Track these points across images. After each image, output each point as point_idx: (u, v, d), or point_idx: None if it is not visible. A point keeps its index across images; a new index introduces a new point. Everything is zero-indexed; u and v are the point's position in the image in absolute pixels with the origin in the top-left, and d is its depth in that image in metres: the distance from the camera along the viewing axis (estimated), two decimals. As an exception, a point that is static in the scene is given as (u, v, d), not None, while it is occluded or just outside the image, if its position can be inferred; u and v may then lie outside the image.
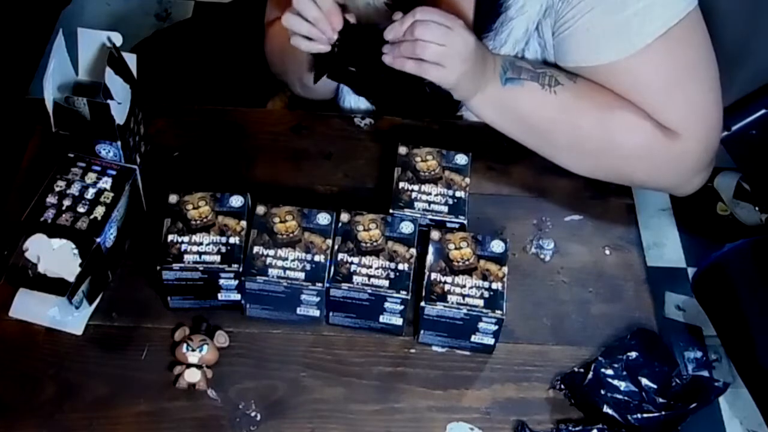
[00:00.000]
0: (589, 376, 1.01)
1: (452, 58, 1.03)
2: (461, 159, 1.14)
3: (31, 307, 1.04)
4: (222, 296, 1.05)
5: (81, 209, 1.03)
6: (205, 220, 1.04)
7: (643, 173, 1.13)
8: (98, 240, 1.02)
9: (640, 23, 1.04)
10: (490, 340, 1.03)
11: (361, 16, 1.13)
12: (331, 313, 1.05)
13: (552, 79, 1.09)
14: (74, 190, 1.05)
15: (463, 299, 1.00)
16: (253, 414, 0.99)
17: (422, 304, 1.00)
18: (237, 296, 1.05)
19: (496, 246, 1.04)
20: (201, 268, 1.01)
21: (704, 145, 1.10)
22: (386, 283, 1.01)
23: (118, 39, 1.09)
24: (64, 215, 1.02)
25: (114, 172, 1.08)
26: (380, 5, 1.14)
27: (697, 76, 1.09)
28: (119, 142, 1.09)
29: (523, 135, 1.13)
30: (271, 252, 1.02)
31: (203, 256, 1.02)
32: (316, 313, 1.05)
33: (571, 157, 1.14)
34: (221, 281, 1.03)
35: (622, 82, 1.08)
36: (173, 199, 1.06)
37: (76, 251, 1.00)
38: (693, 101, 1.08)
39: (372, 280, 1.01)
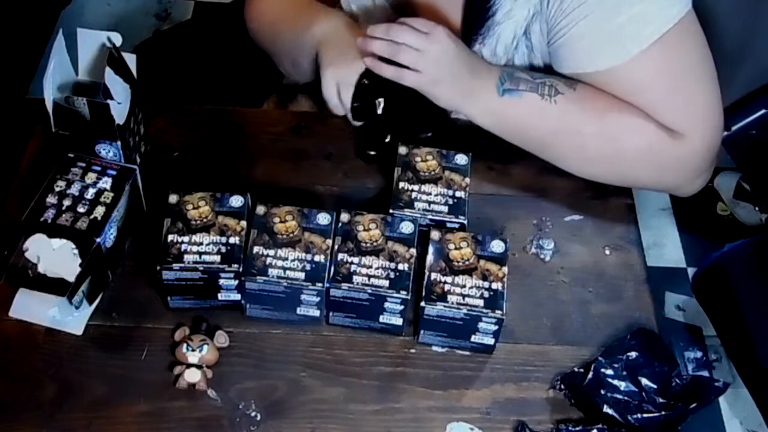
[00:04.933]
0: (589, 376, 1.01)
1: (427, 63, 1.05)
2: (461, 159, 1.14)
3: (31, 307, 1.04)
4: (222, 296, 1.05)
5: (81, 209, 1.03)
6: (205, 220, 1.04)
7: (649, 176, 1.13)
8: (98, 240, 1.02)
9: (634, 29, 1.04)
10: (490, 340, 1.03)
11: (363, 17, 1.14)
12: (331, 313, 1.05)
13: (552, 88, 1.09)
14: (74, 190, 1.05)
15: (463, 299, 1.00)
16: (253, 414, 0.99)
17: (422, 304, 1.00)
18: (237, 296, 1.05)
19: (496, 246, 1.04)
20: (201, 268, 1.01)
21: (708, 146, 1.10)
22: (386, 283, 1.01)
23: (118, 39, 1.10)
24: (64, 215, 1.02)
25: (114, 172, 1.08)
26: (381, 3, 1.15)
27: (696, 77, 1.09)
28: (119, 142, 1.09)
29: (525, 144, 1.14)
30: (271, 252, 1.02)
31: (203, 256, 1.02)
32: (316, 313, 1.05)
33: (575, 164, 1.14)
34: (221, 281, 1.03)
35: (621, 88, 1.08)
36: (173, 199, 1.06)
37: (76, 251, 1.00)
38: (694, 102, 1.09)
39: (372, 280, 1.01)
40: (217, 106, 1.30)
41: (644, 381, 1.01)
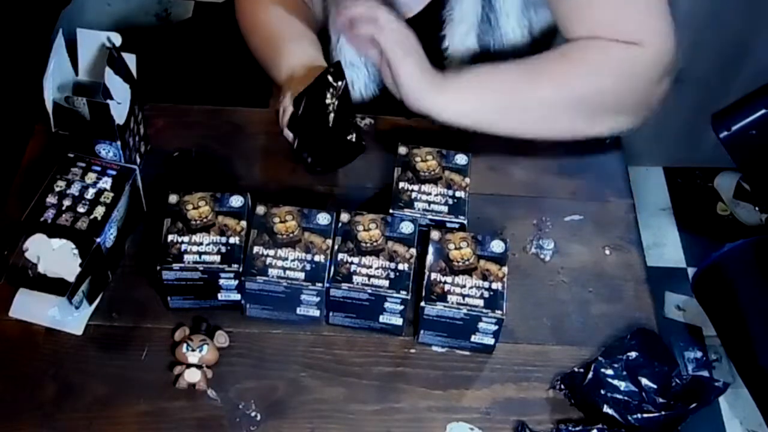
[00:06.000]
0: (589, 376, 1.01)
1: (401, 27, 1.13)
2: (461, 159, 1.14)
3: (31, 307, 1.05)
4: (222, 296, 1.05)
5: (81, 209, 1.03)
6: (205, 220, 1.04)
7: (617, 90, 1.14)
8: (98, 240, 1.02)
9: None
10: (490, 340, 1.03)
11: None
12: (331, 313, 1.05)
13: (501, 60, 1.17)
14: (74, 190, 1.05)
15: (463, 299, 1.00)
16: (253, 414, 0.99)
17: (422, 304, 1.00)
18: (237, 296, 1.05)
19: (496, 246, 1.04)
20: (201, 268, 1.01)
21: (664, 49, 1.13)
22: (386, 283, 1.01)
23: (117, 39, 1.10)
24: (64, 215, 1.03)
25: (114, 172, 1.08)
26: None
27: None
28: (119, 142, 1.09)
29: (498, 117, 1.15)
30: (271, 252, 1.02)
31: (203, 256, 1.02)
32: (316, 313, 1.05)
33: (556, 115, 1.15)
34: (221, 281, 1.03)
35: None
36: (173, 199, 1.06)
37: (76, 251, 1.00)
38: (646, 10, 1.13)
39: (372, 280, 1.01)
40: (217, 106, 1.30)
41: (644, 381, 1.01)
